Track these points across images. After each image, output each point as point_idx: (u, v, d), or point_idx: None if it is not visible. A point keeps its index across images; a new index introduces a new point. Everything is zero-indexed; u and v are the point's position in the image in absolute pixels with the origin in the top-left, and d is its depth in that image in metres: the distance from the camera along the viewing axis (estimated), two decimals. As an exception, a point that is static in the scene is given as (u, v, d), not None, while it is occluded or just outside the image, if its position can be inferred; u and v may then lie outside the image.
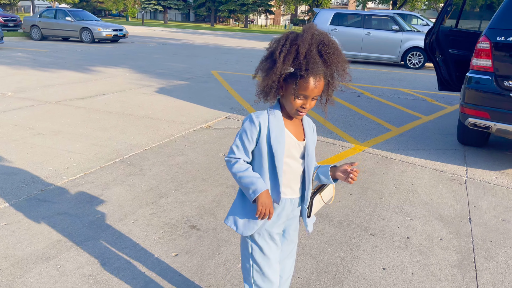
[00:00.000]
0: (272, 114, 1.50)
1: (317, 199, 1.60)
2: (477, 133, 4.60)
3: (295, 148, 1.52)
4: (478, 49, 4.03)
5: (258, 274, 1.57)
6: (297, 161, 1.54)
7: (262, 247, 1.55)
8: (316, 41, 1.40)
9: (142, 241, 2.59)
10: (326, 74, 1.43)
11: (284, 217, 1.58)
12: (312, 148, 1.56)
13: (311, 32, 1.41)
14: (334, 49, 1.42)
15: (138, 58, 12.77)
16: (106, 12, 65.82)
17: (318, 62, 1.39)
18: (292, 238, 1.69)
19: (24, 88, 7.13)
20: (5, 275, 2.21)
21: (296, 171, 1.55)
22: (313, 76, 1.39)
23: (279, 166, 1.48)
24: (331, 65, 1.42)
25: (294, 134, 1.52)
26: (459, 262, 2.52)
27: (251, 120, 1.49)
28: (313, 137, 1.58)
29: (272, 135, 1.47)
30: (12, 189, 3.23)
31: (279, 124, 1.48)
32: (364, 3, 38.23)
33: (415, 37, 12.74)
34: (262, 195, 1.44)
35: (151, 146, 4.36)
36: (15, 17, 21.55)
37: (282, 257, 1.71)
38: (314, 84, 1.40)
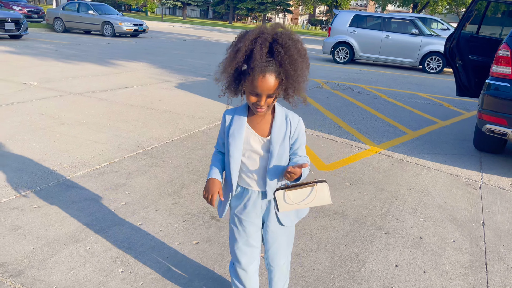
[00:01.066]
0: (237, 110, 1.61)
1: (280, 194, 1.52)
2: (494, 140, 4.63)
3: (257, 143, 1.58)
4: (499, 56, 4.06)
5: (232, 249, 1.77)
6: (260, 155, 1.60)
7: (232, 229, 1.74)
8: (267, 40, 1.41)
9: (164, 229, 2.71)
10: (278, 73, 1.43)
11: (251, 206, 1.66)
12: (276, 144, 1.56)
13: (259, 30, 1.43)
14: (287, 49, 1.42)
15: (157, 53, 12.97)
16: (126, 7, 66.55)
17: (263, 60, 1.40)
18: (273, 229, 1.71)
19: (49, 79, 7.35)
20: (38, 253, 2.36)
21: (259, 165, 1.60)
22: (258, 74, 1.40)
23: (232, 160, 1.59)
24: (283, 64, 1.42)
25: (258, 129, 1.58)
26: (471, 263, 2.59)
27: (223, 116, 1.65)
28: (282, 133, 1.57)
29: (230, 130, 1.59)
30: (42, 174, 3.39)
31: (240, 120, 1.58)
32: (384, 5, 37.93)
33: (434, 41, 12.68)
34: (208, 181, 1.61)
35: (172, 140, 4.50)
36: (39, 9, 22.00)
37: (268, 247, 1.76)
38: (261, 82, 1.42)
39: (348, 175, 3.90)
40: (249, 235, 1.69)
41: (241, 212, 1.68)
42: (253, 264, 1.75)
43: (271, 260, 1.79)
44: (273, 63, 1.42)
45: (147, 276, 2.23)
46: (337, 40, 13.61)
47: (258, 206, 1.67)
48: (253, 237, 1.70)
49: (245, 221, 1.68)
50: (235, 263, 1.76)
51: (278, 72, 1.43)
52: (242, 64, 1.44)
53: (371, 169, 4.11)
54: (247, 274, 1.75)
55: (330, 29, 13.95)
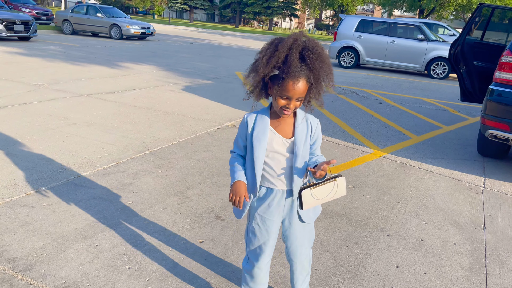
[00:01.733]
0: (260, 113, 1.69)
1: (307, 193, 1.62)
2: (497, 145, 4.66)
3: (280, 145, 1.67)
4: (502, 62, 4.11)
5: (250, 248, 1.83)
6: (284, 156, 1.68)
7: (254, 229, 1.78)
8: (299, 46, 1.52)
9: (170, 227, 2.78)
10: (309, 77, 1.53)
11: (275, 206, 1.73)
12: (300, 144, 1.66)
13: (293, 37, 1.54)
14: (318, 55, 1.52)
15: (164, 56, 13.10)
16: (133, 10, 67.08)
17: (297, 66, 1.50)
18: (295, 226, 1.79)
19: (58, 80, 7.47)
20: (48, 249, 2.43)
21: (284, 165, 1.69)
22: (292, 79, 1.50)
23: (256, 161, 1.66)
24: (314, 69, 1.52)
25: (281, 131, 1.67)
26: (471, 266, 2.63)
27: (242, 120, 1.72)
28: (304, 134, 1.66)
29: (254, 132, 1.66)
30: (51, 173, 3.47)
31: (264, 123, 1.66)
32: (390, 11, 37.98)
33: (440, 47, 12.71)
34: (235, 184, 1.66)
35: (178, 141, 4.57)
36: (48, 11, 22.28)
37: (289, 243, 1.85)
38: (294, 86, 1.51)
39: (352, 178, 3.95)
40: (270, 234, 1.77)
41: (264, 212, 1.74)
42: (268, 262, 1.85)
43: (292, 256, 1.88)
44: (304, 68, 1.52)
45: (154, 273, 2.29)
46: (343, 45, 13.67)
47: (282, 205, 1.74)
48: (274, 236, 1.79)
49: (269, 220, 1.75)
50: (252, 261, 1.82)
51: (309, 76, 1.54)
52: (272, 70, 1.55)
53: (375, 172, 4.15)
54: (261, 271, 1.84)
55: (336, 33, 14.02)
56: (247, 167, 1.72)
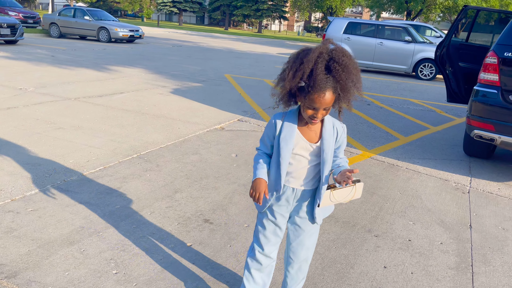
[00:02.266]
0: (288, 116, 1.73)
1: (326, 195, 1.72)
2: (482, 145, 4.72)
3: (304, 149, 1.72)
4: (486, 63, 4.17)
5: (257, 236, 1.92)
6: (307, 159, 1.74)
7: (262, 218, 1.88)
8: (324, 59, 1.53)
9: (158, 231, 2.76)
10: (335, 88, 1.54)
11: (284, 201, 1.81)
12: (328, 150, 1.71)
13: (319, 50, 1.54)
14: (344, 66, 1.52)
15: (153, 59, 13.04)
16: (122, 13, 66.70)
17: (322, 79, 1.51)
18: (299, 224, 1.86)
19: (45, 84, 7.40)
20: (33, 255, 2.40)
21: (304, 166, 1.75)
22: (318, 92, 1.52)
23: (282, 161, 1.72)
24: (340, 80, 1.53)
25: (307, 136, 1.72)
26: (457, 265, 2.66)
27: (270, 121, 1.76)
28: (331, 140, 1.71)
29: (282, 134, 1.71)
30: (37, 178, 3.43)
31: (291, 126, 1.71)
32: (378, 13, 38.31)
33: (427, 48, 12.85)
34: (255, 181, 1.71)
35: (166, 144, 4.55)
36: (35, 14, 22.02)
37: (291, 240, 1.92)
38: (320, 98, 1.54)
39: (340, 179, 3.96)
40: (278, 225, 1.86)
41: (274, 204, 1.83)
42: (274, 252, 1.92)
43: (292, 253, 1.93)
44: (330, 80, 1.53)
45: (141, 277, 2.27)
46: (332, 47, 13.73)
47: (290, 201, 1.81)
48: (281, 228, 1.87)
49: (277, 212, 1.84)
50: (257, 249, 1.91)
51: (335, 88, 1.55)
52: (299, 82, 1.57)
53: (363, 173, 4.18)
54: (265, 258, 1.91)
55: (324, 36, 14.10)
56: (272, 166, 1.78)
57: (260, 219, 1.89)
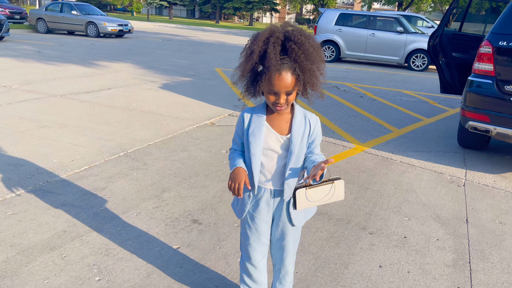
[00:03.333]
0: (256, 109, 1.62)
1: (301, 193, 1.53)
2: (477, 137, 4.64)
3: (275, 142, 1.60)
4: (480, 53, 4.07)
5: (243, 245, 1.82)
6: (278, 154, 1.62)
7: (244, 227, 1.77)
8: (278, 38, 1.44)
9: (144, 234, 2.65)
10: (294, 68, 1.45)
11: (264, 205, 1.69)
12: (296, 142, 1.58)
13: (269, 30, 1.47)
14: (300, 44, 1.44)
15: (142, 53, 12.83)
16: (111, 7, 65.83)
17: (277, 58, 1.42)
18: (282, 227, 1.74)
19: (30, 81, 7.20)
20: (12, 263, 2.27)
21: (276, 163, 1.62)
22: (274, 72, 1.43)
23: (253, 158, 1.60)
24: (298, 60, 1.44)
25: (277, 128, 1.60)
26: (454, 262, 2.58)
27: (239, 117, 1.65)
28: (301, 132, 1.58)
29: (250, 129, 1.60)
30: (19, 179, 3.29)
31: (260, 119, 1.59)
32: (370, 4, 38.17)
33: (419, 39, 12.76)
34: (234, 171, 1.58)
35: (154, 141, 4.42)
36: (21, 10, 21.61)
37: (274, 247, 1.83)
38: (278, 80, 1.44)
39: (333, 174, 3.84)
40: (261, 232, 1.74)
41: (253, 210, 1.71)
42: (263, 260, 1.82)
43: (277, 257, 1.85)
44: (287, 60, 1.44)
45: (125, 284, 2.16)
46: (323, 39, 13.61)
47: (271, 204, 1.70)
48: (264, 234, 1.75)
49: (257, 218, 1.72)
50: (245, 259, 1.81)
51: (294, 68, 1.45)
52: (257, 65, 1.48)
53: (356, 168, 4.09)
54: (256, 269, 1.81)
55: (316, 27, 13.95)
56: (246, 164, 1.65)
57: (243, 227, 1.78)
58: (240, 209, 1.73)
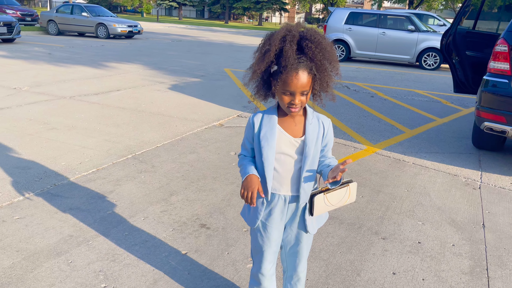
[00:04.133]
0: (267, 112, 1.56)
1: (320, 198, 1.51)
2: (492, 137, 4.52)
3: (288, 146, 1.53)
4: (496, 52, 3.95)
5: (256, 255, 1.74)
6: (293, 158, 1.55)
7: (256, 235, 1.68)
8: (294, 37, 1.41)
9: (152, 239, 2.60)
10: (310, 68, 1.41)
11: (278, 213, 1.61)
12: (311, 144, 1.52)
13: (286, 28, 1.43)
14: (317, 43, 1.41)
15: (152, 54, 12.84)
16: (122, 8, 66.28)
17: (294, 57, 1.39)
18: (296, 234, 1.68)
19: (40, 83, 7.23)
20: (17, 268, 2.24)
21: (291, 168, 1.55)
22: (291, 71, 1.39)
23: (266, 163, 1.52)
24: (315, 58, 1.41)
25: (290, 131, 1.53)
26: (471, 269, 2.48)
27: (248, 121, 1.58)
28: (315, 134, 1.54)
29: (262, 132, 1.53)
30: (26, 183, 3.27)
31: (271, 122, 1.53)
32: (380, 2, 37.82)
33: (431, 37, 12.58)
34: (246, 179, 1.52)
35: (163, 143, 4.38)
36: (32, 12, 21.82)
37: (286, 254, 1.76)
38: (294, 79, 1.40)
39: (344, 176, 3.77)
40: (273, 241, 1.67)
41: (266, 218, 1.64)
42: (272, 268, 1.75)
43: (289, 263, 1.78)
44: (304, 59, 1.40)
45: (131, 291, 2.11)
46: (333, 38, 13.48)
47: (284, 211, 1.62)
48: (276, 243, 1.69)
49: (270, 227, 1.64)
50: (257, 268, 1.74)
51: (310, 67, 1.41)
52: (272, 64, 1.43)
53: (368, 170, 4.00)
54: (265, 278, 1.75)
55: (325, 27, 13.84)
56: (258, 169, 1.58)
57: (254, 235, 1.70)
58: (253, 217, 1.65)
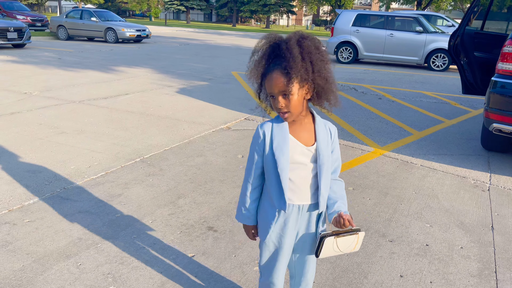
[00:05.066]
0: (276, 121, 1.52)
1: (330, 241, 1.44)
2: (502, 139, 4.48)
3: (300, 154, 1.50)
4: (504, 52, 3.93)
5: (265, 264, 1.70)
6: (306, 167, 1.51)
7: (268, 246, 1.64)
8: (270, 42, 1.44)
9: (159, 241, 2.62)
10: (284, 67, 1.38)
11: (292, 222, 1.57)
12: (325, 152, 1.51)
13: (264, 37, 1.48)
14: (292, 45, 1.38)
15: (160, 58, 12.94)
16: (130, 13, 66.91)
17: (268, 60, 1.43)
18: (306, 240, 1.64)
19: (50, 87, 7.32)
20: (27, 271, 2.27)
21: (304, 177, 1.52)
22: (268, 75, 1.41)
23: (282, 174, 1.48)
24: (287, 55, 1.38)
25: (301, 139, 1.51)
26: (480, 272, 2.46)
27: (256, 131, 1.54)
28: (325, 141, 1.53)
29: (275, 142, 1.48)
30: (36, 186, 3.32)
31: (283, 131, 1.49)
32: (388, 3, 37.68)
33: (439, 38, 12.50)
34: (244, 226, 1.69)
35: (171, 147, 4.42)
36: (43, 17, 22.13)
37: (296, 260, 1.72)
38: (270, 80, 1.41)
39: (351, 179, 3.78)
40: (285, 250, 1.64)
41: (281, 228, 1.59)
42: (282, 276, 1.73)
43: (299, 269, 1.75)
44: (278, 60, 1.40)
45: (139, 293, 2.13)
46: (341, 40, 13.48)
47: (298, 220, 1.58)
48: (289, 252, 1.66)
49: (284, 237, 1.60)
50: (267, 277, 1.71)
51: (284, 66, 1.38)
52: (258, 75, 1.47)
53: (375, 172, 3.99)
54: (276, 286, 1.73)
55: (333, 29, 13.83)
56: (270, 183, 1.54)
57: (266, 246, 1.65)
58: (264, 231, 1.62)
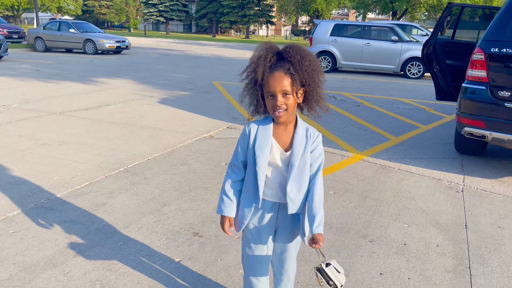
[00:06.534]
0: (262, 123, 1.65)
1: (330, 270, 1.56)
2: (474, 142, 4.69)
3: (278, 157, 1.63)
4: (473, 60, 4.14)
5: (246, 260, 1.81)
6: (281, 168, 1.64)
7: (248, 239, 1.76)
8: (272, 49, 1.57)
9: (146, 248, 2.66)
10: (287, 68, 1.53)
11: (269, 218, 1.71)
12: (298, 156, 1.60)
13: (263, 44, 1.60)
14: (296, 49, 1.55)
15: (140, 69, 12.94)
16: (109, 24, 66.45)
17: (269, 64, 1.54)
18: (285, 238, 1.75)
19: (29, 99, 7.26)
20: (15, 280, 2.29)
21: (281, 177, 1.65)
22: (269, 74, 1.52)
23: (259, 172, 1.62)
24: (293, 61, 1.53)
25: (281, 143, 1.63)
26: (454, 268, 2.59)
27: (244, 128, 1.67)
28: (302, 146, 1.61)
29: (257, 142, 1.62)
30: (20, 198, 3.32)
31: (266, 133, 1.62)
32: (364, 14, 38.56)
33: (414, 47, 12.90)
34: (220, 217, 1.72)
35: (154, 156, 4.46)
36: (19, 29, 21.83)
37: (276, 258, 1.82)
38: (272, 80, 1.52)
39: (332, 183, 3.90)
40: (264, 244, 1.75)
41: (258, 222, 1.72)
42: (266, 272, 1.82)
43: (280, 266, 1.85)
44: (282, 63, 1.53)
45: (128, 298, 2.17)
46: (319, 50, 13.74)
47: (275, 217, 1.72)
48: (269, 246, 1.76)
49: (261, 231, 1.73)
50: (249, 273, 1.80)
51: (287, 68, 1.52)
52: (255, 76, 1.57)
53: (355, 176, 4.12)
54: (260, 282, 1.81)
55: (311, 39, 14.10)
56: (249, 178, 1.67)
57: (246, 240, 1.78)
58: (239, 222, 1.72)
